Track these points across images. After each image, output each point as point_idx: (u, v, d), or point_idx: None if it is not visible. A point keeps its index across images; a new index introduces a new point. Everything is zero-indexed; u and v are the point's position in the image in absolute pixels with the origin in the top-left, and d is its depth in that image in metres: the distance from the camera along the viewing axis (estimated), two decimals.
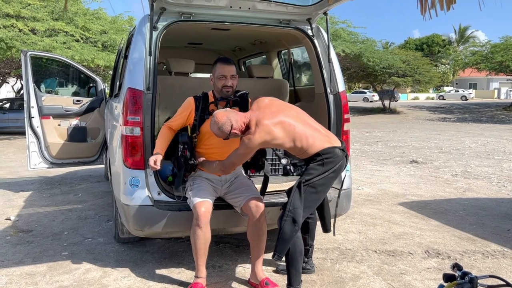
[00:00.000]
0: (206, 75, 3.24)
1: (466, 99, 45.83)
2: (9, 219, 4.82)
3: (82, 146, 5.91)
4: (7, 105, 16.88)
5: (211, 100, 3.15)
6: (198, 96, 3.15)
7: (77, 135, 5.90)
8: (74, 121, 5.91)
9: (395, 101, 36.65)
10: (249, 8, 3.43)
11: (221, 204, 3.17)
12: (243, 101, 3.21)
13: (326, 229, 3.21)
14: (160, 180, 3.20)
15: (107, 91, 6.29)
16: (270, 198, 3.32)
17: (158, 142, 3.08)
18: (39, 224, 4.67)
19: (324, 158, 2.78)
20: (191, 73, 4.28)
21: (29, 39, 11.93)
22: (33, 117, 5.55)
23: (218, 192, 3.16)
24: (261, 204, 2.99)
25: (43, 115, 5.65)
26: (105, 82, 8.45)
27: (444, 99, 47.96)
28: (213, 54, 6.45)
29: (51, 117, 5.73)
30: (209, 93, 3.19)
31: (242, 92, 3.21)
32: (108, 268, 3.46)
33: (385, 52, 26.97)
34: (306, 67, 5.39)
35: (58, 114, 5.81)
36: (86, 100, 6.05)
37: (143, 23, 3.29)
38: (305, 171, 2.85)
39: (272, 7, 3.45)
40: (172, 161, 3.19)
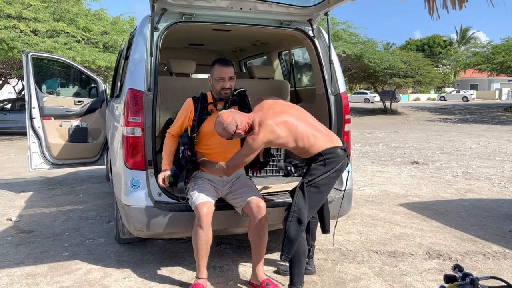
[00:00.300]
0: (207, 76, 3.23)
1: (467, 100, 45.81)
2: (10, 220, 4.83)
3: (83, 146, 5.92)
4: (9, 106, 16.92)
5: (210, 100, 3.15)
6: (196, 97, 3.16)
7: (78, 135, 5.90)
8: (75, 122, 5.92)
9: (396, 102, 36.62)
10: (250, 9, 3.43)
11: (222, 204, 3.17)
12: (242, 99, 3.22)
13: (325, 230, 3.23)
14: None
15: (108, 91, 6.30)
16: (271, 199, 3.32)
17: (165, 155, 3.11)
18: (40, 225, 4.67)
19: (326, 158, 2.81)
20: (192, 74, 4.28)
21: (30, 40, 11.95)
22: (34, 118, 5.56)
23: (220, 192, 3.16)
24: (263, 204, 2.99)
25: (44, 115, 5.66)
26: (106, 83, 8.47)
27: (445, 100, 47.93)
28: (214, 55, 6.44)
29: (52, 117, 5.74)
30: (208, 93, 3.20)
31: (239, 90, 3.22)
32: (109, 269, 3.46)
33: (386, 53, 26.99)
34: (307, 68, 5.39)
35: (59, 114, 5.82)
36: (87, 101, 6.06)
37: (144, 24, 3.30)
38: (307, 171, 2.88)
39: (273, 8, 3.46)
40: (173, 162, 3.20)
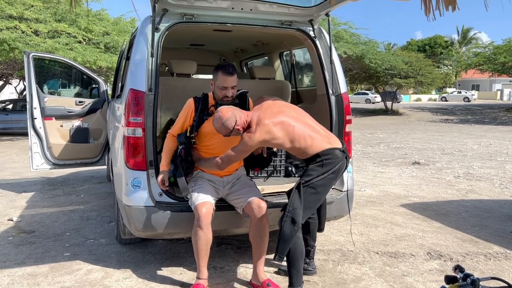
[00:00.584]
0: (208, 76, 3.23)
1: (469, 101, 45.74)
2: (12, 220, 4.84)
3: (84, 147, 5.92)
4: (10, 106, 16.95)
5: (211, 101, 3.15)
6: (198, 97, 3.16)
7: (79, 136, 5.91)
8: (77, 122, 5.93)
9: (397, 102, 36.60)
10: (251, 10, 3.43)
11: (223, 205, 3.17)
12: (243, 100, 3.22)
13: (320, 229, 3.27)
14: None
15: (109, 92, 6.30)
16: (272, 199, 3.32)
17: (164, 156, 3.11)
18: (41, 225, 4.68)
19: (323, 159, 2.80)
20: (193, 75, 4.29)
21: (32, 40, 11.96)
22: (35, 118, 5.56)
23: (220, 193, 3.16)
24: (264, 205, 2.99)
25: (45, 116, 5.66)
26: (108, 83, 8.48)
27: (447, 101, 47.87)
28: (215, 56, 6.46)
29: (53, 118, 5.74)
30: (210, 94, 3.19)
31: (241, 91, 3.21)
32: (110, 269, 3.46)
33: (387, 54, 26.94)
34: (308, 68, 5.39)
35: (60, 115, 5.82)
36: (88, 101, 6.07)
37: (145, 24, 3.30)
38: (304, 172, 2.88)
39: (274, 8, 3.46)
40: (172, 161, 3.20)
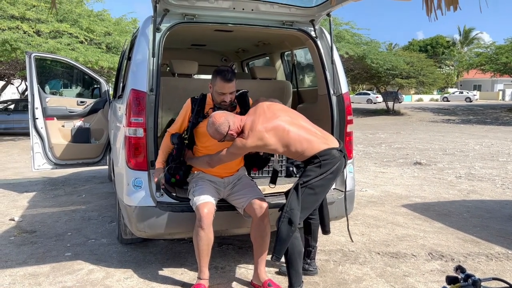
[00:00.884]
0: (209, 77, 3.22)
1: (471, 101, 45.65)
2: (13, 220, 4.85)
3: (85, 147, 5.93)
4: (12, 106, 16.97)
5: (210, 103, 3.14)
6: (195, 98, 3.15)
7: (81, 136, 5.92)
8: (78, 122, 5.94)
9: (399, 102, 36.52)
10: (252, 10, 3.43)
11: (224, 205, 3.17)
12: (243, 100, 3.21)
13: (325, 231, 3.26)
14: (164, 182, 3.20)
15: (111, 92, 6.31)
16: (273, 199, 3.31)
17: (161, 153, 3.12)
18: (43, 225, 4.68)
19: (321, 160, 2.80)
20: (194, 75, 4.29)
21: (33, 40, 11.98)
22: (37, 118, 5.58)
23: (221, 194, 3.16)
24: (265, 205, 2.99)
25: (47, 116, 5.68)
26: (109, 84, 8.48)
27: (448, 101, 47.80)
28: (217, 56, 6.46)
29: (55, 118, 5.76)
30: (208, 95, 3.18)
31: (241, 91, 3.21)
32: (111, 269, 3.47)
33: (389, 54, 26.91)
34: (309, 68, 5.39)
35: (62, 115, 5.84)
36: (90, 102, 6.08)
37: (146, 24, 3.30)
38: (303, 173, 2.88)
39: (275, 8, 3.46)
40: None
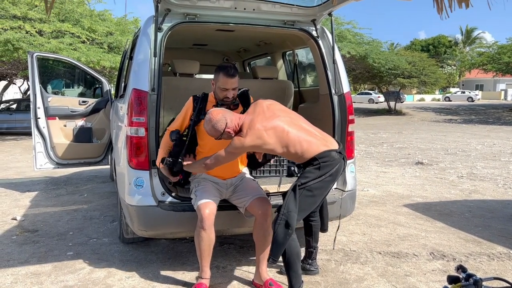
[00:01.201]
0: (211, 76, 3.23)
1: (473, 101, 45.57)
2: (15, 219, 4.86)
3: (87, 146, 5.94)
4: (14, 106, 17.02)
5: (212, 101, 3.13)
6: (197, 97, 3.15)
7: (82, 135, 5.93)
8: (80, 122, 5.95)
9: (401, 102, 36.49)
10: (253, 9, 3.43)
11: (226, 205, 3.17)
12: (245, 99, 3.21)
13: (324, 229, 3.27)
14: (165, 181, 3.21)
15: (113, 92, 6.33)
16: (274, 199, 3.31)
17: (160, 151, 3.11)
18: (45, 224, 4.70)
19: (320, 162, 2.74)
20: (196, 74, 4.29)
21: (35, 40, 12.01)
22: (39, 118, 5.59)
23: (223, 194, 3.15)
24: (268, 204, 2.98)
25: (49, 116, 5.69)
26: (111, 83, 8.50)
27: (450, 101, 47.68)
28: (218, 55, 6.47)
29: (57, 118, 5.77)
30: (210, 94, 3.18)
31: (242, 89, 3.21)
32: (112, 268, 3.48)
33: (390, 53, 26.88)
34: (311, 68, 5.39)
35: (64, 115, 5.85)
36: (92, 101, 6.09)
37: (148, 24, 3.31)
38: (301, 174, 2.83)
39: (276, 8, 3.45)
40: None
